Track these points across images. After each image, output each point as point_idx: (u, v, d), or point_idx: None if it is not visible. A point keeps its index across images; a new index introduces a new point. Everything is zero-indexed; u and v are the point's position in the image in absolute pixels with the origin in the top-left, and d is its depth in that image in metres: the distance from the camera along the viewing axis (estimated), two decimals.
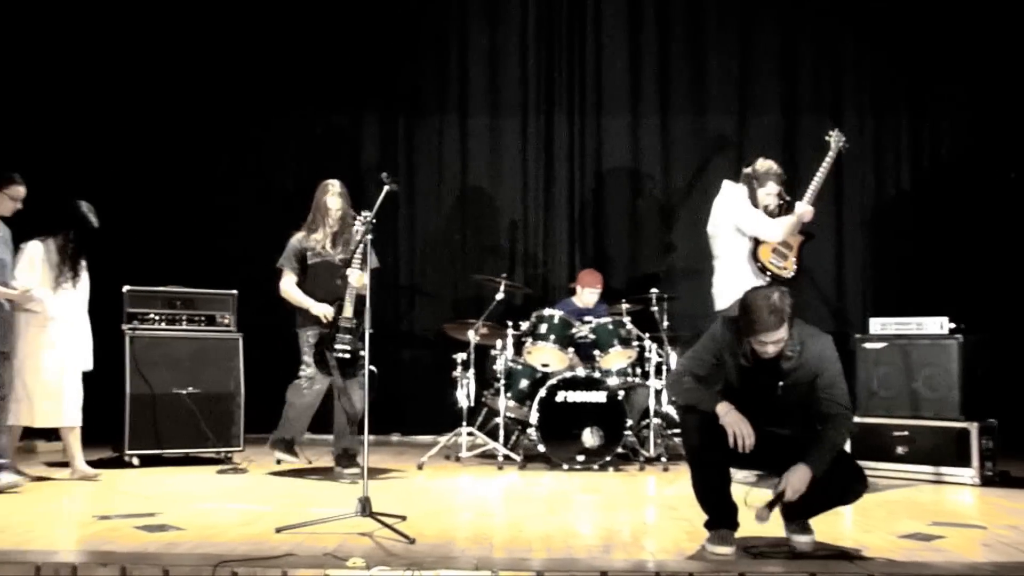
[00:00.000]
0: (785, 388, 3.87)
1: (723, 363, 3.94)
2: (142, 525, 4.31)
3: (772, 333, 3.72)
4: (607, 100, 8.48)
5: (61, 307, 5.78)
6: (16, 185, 5.52)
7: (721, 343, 3.95)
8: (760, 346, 3.78)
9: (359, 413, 5.99)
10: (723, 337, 3.95)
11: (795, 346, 3.83)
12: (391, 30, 8.44)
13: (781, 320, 3.71)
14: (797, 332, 3.85)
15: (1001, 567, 3.62)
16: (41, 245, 5.78)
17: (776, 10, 8.42)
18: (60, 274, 5.77)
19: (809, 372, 3.86)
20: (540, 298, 8.14)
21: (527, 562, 3.65)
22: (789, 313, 3.73)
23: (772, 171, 5.87)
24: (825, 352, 3.88)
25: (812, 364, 3.86)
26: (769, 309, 3.69)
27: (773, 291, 3.77)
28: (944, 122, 8.28)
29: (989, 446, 5.91)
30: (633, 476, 6.24)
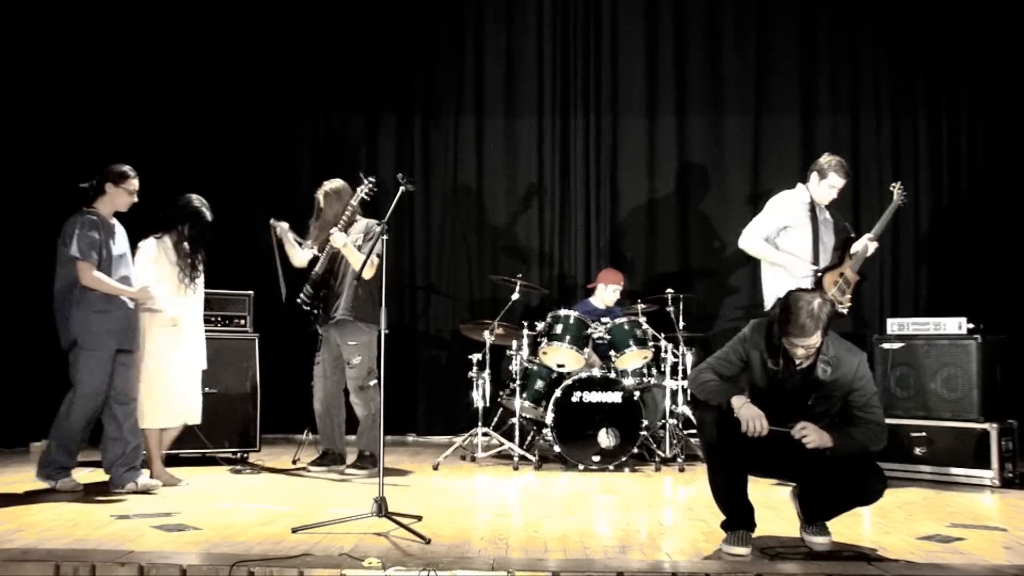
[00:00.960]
0: (816, 399, 3.86)
1: (750, 366, 3.93)
2: (160, 525, 4.33)
3: (806, 338, 3.73)
4: (623, 100, 8.47)
5: (183, 306, 5.65)
6: (131, 179, 5.39)
7: (750, 345, 3.94)
8: (791, 347, 3.78)
9: (363, 419, 6.19)
10: (752, 340, 3.95)
11: (830, 359, 3.82)
12: (407, 30, 8.45)
13: (817, 327, 3.71)
14: (833, 346, 3.85)
15: (1022, 570, 3.59)
16: (157, 243, 5.64)
17: (793, 11, 8.39)
18: (180, 271, 5.64)
19: (842, 388, 3.86)
20: (556, 298, 8.15)
21: (543, 563, 3.65)
22: (825, 323, 3.73)
23: (834, 164, 5.90)
24: (860, 370, 3.88)
25: (846, 380, 3.85)
26: (808, 313, 3.70)
27: (815, 296, 3.77)
28: (963, 122, 8.23)
29: (1009, 447, 5.87)
30: (649, 476, 6.22)
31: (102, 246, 5.23)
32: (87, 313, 5.16)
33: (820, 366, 3.83)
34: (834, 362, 3.84)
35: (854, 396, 3.88)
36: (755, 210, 8.24)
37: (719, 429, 3.85)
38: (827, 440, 3.76)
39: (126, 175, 5.38)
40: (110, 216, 5.38)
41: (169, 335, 5.57)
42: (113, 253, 5.30)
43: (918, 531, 4.34)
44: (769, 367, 3.89)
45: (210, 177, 8.20)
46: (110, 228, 5.35)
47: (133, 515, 4.56)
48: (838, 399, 3.88)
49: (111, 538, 4.04)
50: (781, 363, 3.85)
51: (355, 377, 6.10)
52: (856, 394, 3.87)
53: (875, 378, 5.88)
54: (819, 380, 3.85)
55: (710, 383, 3.93)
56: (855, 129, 8.30)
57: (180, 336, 5.62)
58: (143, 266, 5.56)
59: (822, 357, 3.82)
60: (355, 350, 6.07)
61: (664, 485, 5.97)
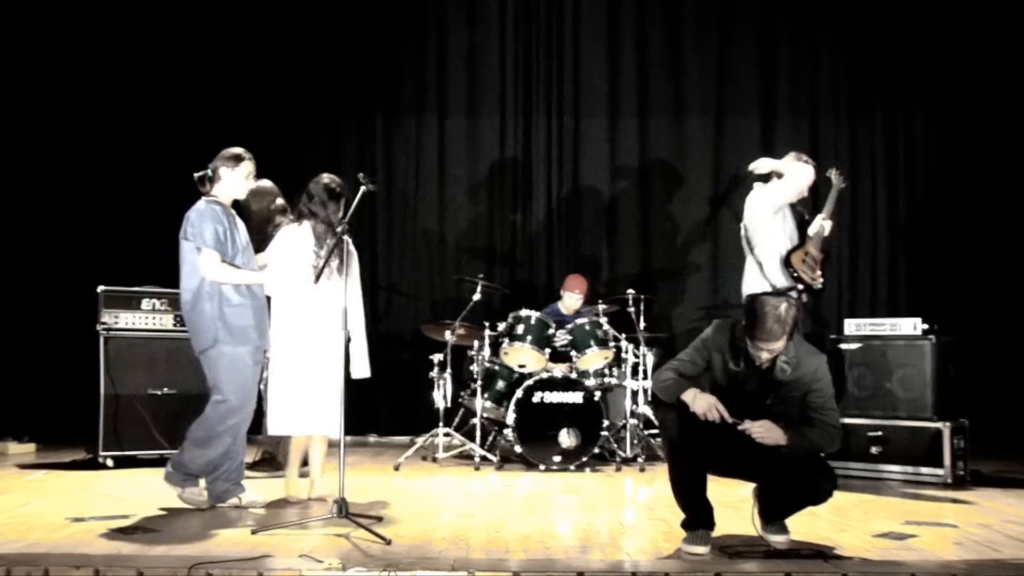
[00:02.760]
0: (775, 399, 3.91)
1: (711, 366, 3.97)
2: (116, 527, 4.28)
3: (772, 343, 3.78)
4: (585, 101, 8.51)
5: (316, 299, 4.90)
6: (246, 161, 4.93)
7: (712, 346, 3.98)
8: (755, 350, 3.83)
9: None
10: (715, 341, 3.98)
11: (790, 360, 3.87)
12: (369, 29, 8.42)
13: (783, 332, 3.77)
14: (794, 347, 3.89)
15: (973, 565, 3.67)
16: (292, 230, 5.04)
17: (753, 14, 8.49)
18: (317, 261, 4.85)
19: (801, 388, 3.92)
20: (517, 299, 8.15)
21: (505, 563, 3.65)
22: (791, 327, 3.78)
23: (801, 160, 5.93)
24: (820, 371, 3.94)
25: (804, 381, 3.91)
26: (775, 319, 3.75)
27: (781, 301, 3.81)
28: (918, 124, 8.38)
29: (961, 446, 5.97)
30: (610, 476, 6.25)
31: (227, 237, 4.79)
32: (224, 307, 4.73)
33: (780, 365, 3.88)
34: (793, 362, 3.89)
35: (812, 397, 3.93)
36: (715, 211, 8.41)
37: (681, 430, 3.88)
38: (781, 437, 3.81)
39: (240, 157, 4.91)
40: (230, 204, 4.93)
41: (299, 332, 4.89)
42: (239, 243, 4.87)
43: (874, 529, 4.40)
44: (730, 367, 3.93)
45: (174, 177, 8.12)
46: (232, 217, 4.90)
47: (89, 518, 4.50)
48: (796, 399, 3.93)
49: (66, 541, 3.98)
50: (742, 364, 3.90)
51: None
52: (814, 395, 3.93)
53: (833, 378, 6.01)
54: (778, 380, 3.90)
55: (668, 381, 3.96)
56: (814, 130, 8.41)
57: (313, 333, 4.89)
58: (276, 256, 5.01)
59: (782, 358, 3.88)
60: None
61: (625, 485, 6.00)
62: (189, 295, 4.78)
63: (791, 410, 3.95)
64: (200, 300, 4.75)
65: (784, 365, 3.88)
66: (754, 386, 3.93)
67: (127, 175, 8.01)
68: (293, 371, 4.89)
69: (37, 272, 7.82)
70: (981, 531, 4.38)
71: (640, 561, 3.74)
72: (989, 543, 4.10)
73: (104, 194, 7.95)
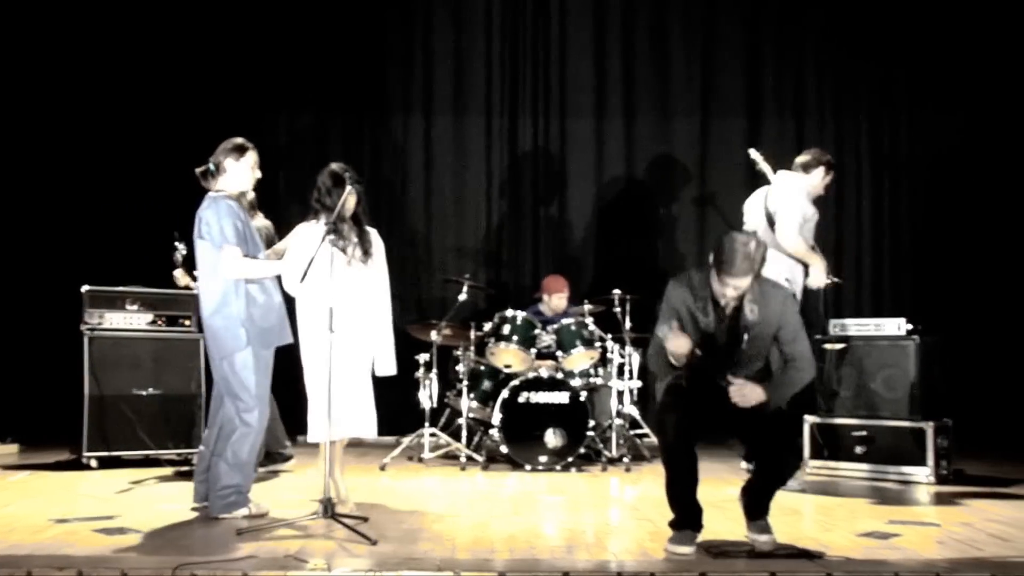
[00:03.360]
0: (749, 342, 3.93)
1: (682, 320, 3.96)
2: (100, 528, 4.26)
3: (738, 279, 3.80)
4: (571, 101, 8.52)
5: (338, 296, 4.58)
6: (251, 151, 4.74)
7: (675, 303, 4.00)
8: (722, 287, 3.84)
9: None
10: (675, 297, 4.00)
11: (756, 299, 3.89)
12: (356, 29, 8.40)
13: (750, 269, 3.80)
14: (759, 286, 3.91)
15: (955, 563, 3.69)
16: (306, 225, 4.83)
17: (739, 14, 8.51)
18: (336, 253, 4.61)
19: (771, 325, 3.94)
20: (504, 299, 8.15)
21: (490, 563, 3.65)
22: (758, 266, 3.81)
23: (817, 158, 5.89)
24: (786, 304, 3.98)
25: (773, 317, 3.93)
26: (744, 255, 3.77)
27: (750, 239, 3.84)
28: (903, 125, 8.43)
29: (944, 445, 6.01)
30: (596, 477, 6.26)
31: (247, 232, 4.62)
32: (251, 308, 4.54)
33: (748, 306, 3.89)
34: (760, 301, 3.91)
35: (782, 332, 3.96)
36: (702, 211, 8.44)
37: (678, 432, 3.87)
38: (760, 395, 3.82)
39: (244, 147, 4.72)
40: (238, 196, 4.76)
41: (318, 330, 4.57)
42: (256, 239, 4.71)
43: (858, 528, 4.42)
44: (699, 321, 3.93)
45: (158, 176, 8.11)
46: (245, 211, 4.77)
47: (72, 519, 4.47)
48: (769, 337, 3.96)
49: (49, 543, 3.95)
50: (711, 314, 3.91)
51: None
52: (784, 330, 3.95)
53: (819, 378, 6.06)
54: (748, 322, 3.91)
55: (654, 354, 4.00)
56: (800, 131, 8.44)
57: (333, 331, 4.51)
58: (293, 252, 4.74)
59: (748, 297, 3.88)
60: None
61: (611, 485, 6.01)
62: (215, 298, 4.54)
63: (764, 351, 3.99)
64: (227, 303, 4.52)
65: (752, 305, 3.88)
66: (725, 336, 3.94)
67: (111, 174, 7.96)
68: (320, 375, 4.59)
69: (20, 272, 7.77)
70: (963, 530, 4.41)
71: (626, 561, 3.74)
72: (971, 541, 4.13)
73: (88, 193, 7.91)
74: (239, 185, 4.76)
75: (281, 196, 8.23)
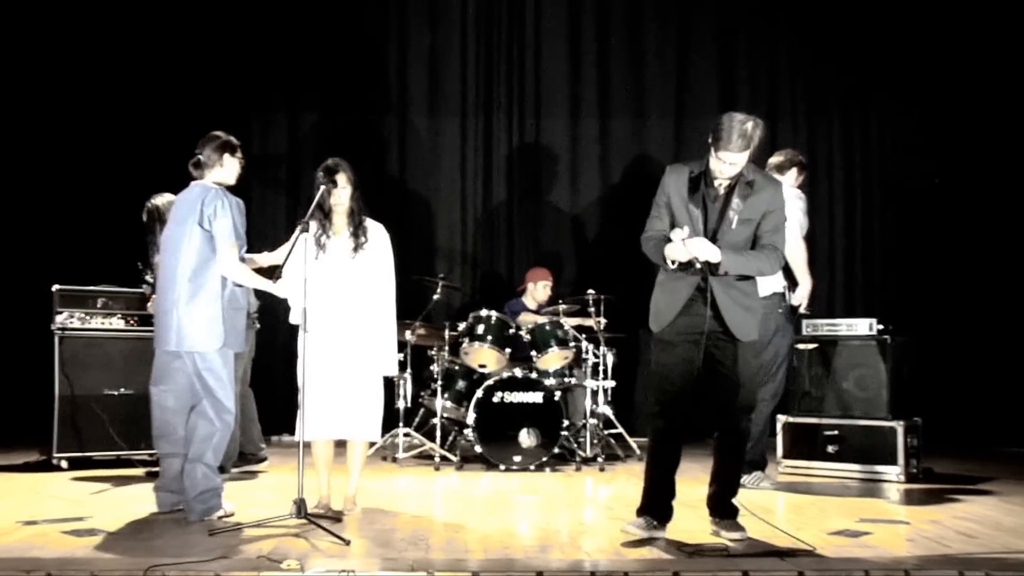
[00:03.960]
0: (739, 223, 4.03)
1: (671, 207, 4.12)
2: (70, 530, 4.21)
3: (734, 154, 3.93)
4: (546, 101, 8.54)
5: (324, 294, 4.60)
6: (238, 148, 4.77)
7: (669, 189, 4.14)
8: (718, 163, 3.98)
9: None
10: (669, 182, 4.16)
11: (749, 182, 4.03)
12: (330, 29, 8.37)
13: (747, 145, 3.94)
14: (753, 171, 4.07)
15: (923, 560, 3.74)
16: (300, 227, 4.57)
17: (713, 15, 8.57)
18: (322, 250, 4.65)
19: (760, 210, 4.05)
20: (478, 299, 8.16)
21: (464, 563, 3.66)
22: (756, 144, 3.95)
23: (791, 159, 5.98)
24: (777, 195, 4.12)
25: (763, 202, 4.06)
26: (740, 132, 3.92)
27: (749, 119, 3.98)
28: (873, 128, 8.52)
29: (914, 444, 6.07)
30: (570, 476, 6.27)
31: (243, 232, 4.61)
32: (232, 308, 4.55)
33: (740, 188, 4.03)
34: (754, 185, 4.04)
35: (767, 219, 4.08)
36: None
37: (664, 436, 4.15)
38: (713, 251, 3.95)
39: (236, 144, 4.75)
40: None
41: (304, 331, 4.43)
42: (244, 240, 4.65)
43: (829, 526, 4.46)
44: (689, 207, 4.06)
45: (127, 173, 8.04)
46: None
47: (41, 520, 4.43)
48: (754, 224, 4.07)
49: (17, 545, 3.91)
50: (701, 201, 4.05)
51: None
52: (769, 217, 4.08)
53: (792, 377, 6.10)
54: (740, 203, 4.02)
55: (651, 243, 4.16)
56: (773, 133, 8.46)
57: (317, 331, 4.54)
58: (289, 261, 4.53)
59: (743, 179, 4.02)
60: None
61: (585, 485, 6.02)
62: (191, 287, 4.47)
63: (748, 239, 4.09)
64: (207, 294, 4.48)
65: (745, 188, 4.03)
66: (717, 212, 4.07)
67: (82, 173, 7.90)
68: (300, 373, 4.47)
69: None
70: (932, 527, 4.46)
71: (600, 560, 3.76)
72: (939, 539, 4.17)
73: (59, 192, 7.84)
74: (230, 179, 4.75)
75: (254, 197, 8.21)
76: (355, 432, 4.74)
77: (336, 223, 4.76)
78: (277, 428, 7.45)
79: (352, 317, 4.69)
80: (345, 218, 4.77)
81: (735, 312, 4.08)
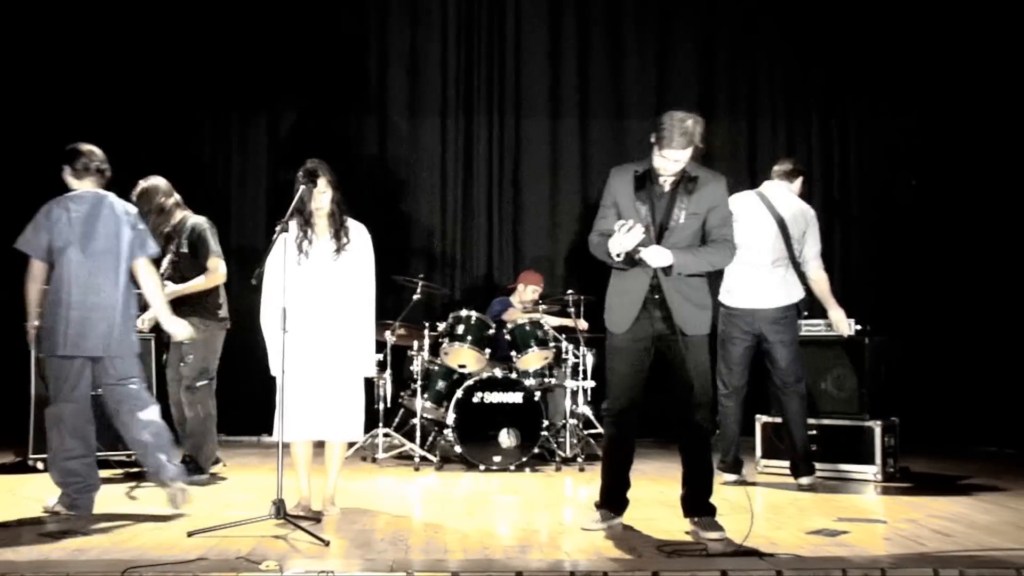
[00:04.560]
0: (687, 218, 4.15)
1: (619, 208, 4.25)
2: (46, 532, 4.18)
3: (677, 151, 4.06)
4: (526, 102, 8.54)
5: (302, 295, 4.59)
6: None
7: (615, 191, 4.28)
8: (662, 161, 4.11)
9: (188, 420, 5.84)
10: (613, 184, 4.30)
11: (693, 178, 4.16)
12: (309, 28, 8.34)
13: (689, 142, 4.06)
14: (695, 168, 4.20)
15: (899, 559, 3.77)
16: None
17: (693, 16, 8.60)
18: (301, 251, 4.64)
19: (704, 203, 4.18)
20: (457, 299, 8.15)
21: (444, 563, 3.65)
22: (697, 141, 4.07)
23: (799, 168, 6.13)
24: (721, 189, 4.26)
25: (708, 196, 4.19)
26: (681, 131, 4.05)
27: (689, 117, 4.09)
28: (851, 128, 8.58)
29: (891, 444, 6.12)
30: (550, 477, 6.28)
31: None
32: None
33: (685, 184, 4.16)
34: (698, 181, 4.17)
35: (712, 214, 4.20)
36: None
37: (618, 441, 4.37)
38: (664, 256, 4.08)
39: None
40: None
41: (284, 331, 4.37)
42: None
43: (807, 526, 4.49)
44: (636, 201, 4.18)
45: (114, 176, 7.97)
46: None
47: (15, 522, 4.39)
48: (703, 216, 4.19)
49: None
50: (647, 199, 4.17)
51: (186, 376, 5.79)
52: (715, 211, 4.20)
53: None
54: (686, 198, 4.15)
55: (598, 243, 4.31)
56: (752, 133, 8.56)
57: (294, 334, 4.47)
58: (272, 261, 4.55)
59: (687, 176, 4.15)
60: (189, 348, 5.73)
61: (565, 485, 6.03)
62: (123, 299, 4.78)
63: (695, 235, 4.21)
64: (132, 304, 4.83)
65: (689, 184, 4.15)
66: (663, 209, 4.19)
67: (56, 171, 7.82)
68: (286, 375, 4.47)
69: None
70: (908, 526, 4.49)
71: (579, 560, 3.76)
72: (915, 537, 4.21)
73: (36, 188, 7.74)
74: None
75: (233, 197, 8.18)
76: (334, 433, 4.73)
77: (318, 225, 4.75)
78: (256, 429, 7.42)
79: (332, 318, 4.68)
80: (326, 220, 4.76)
81: (686, 308, 4.20)
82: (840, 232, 8.52)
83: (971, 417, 7.71)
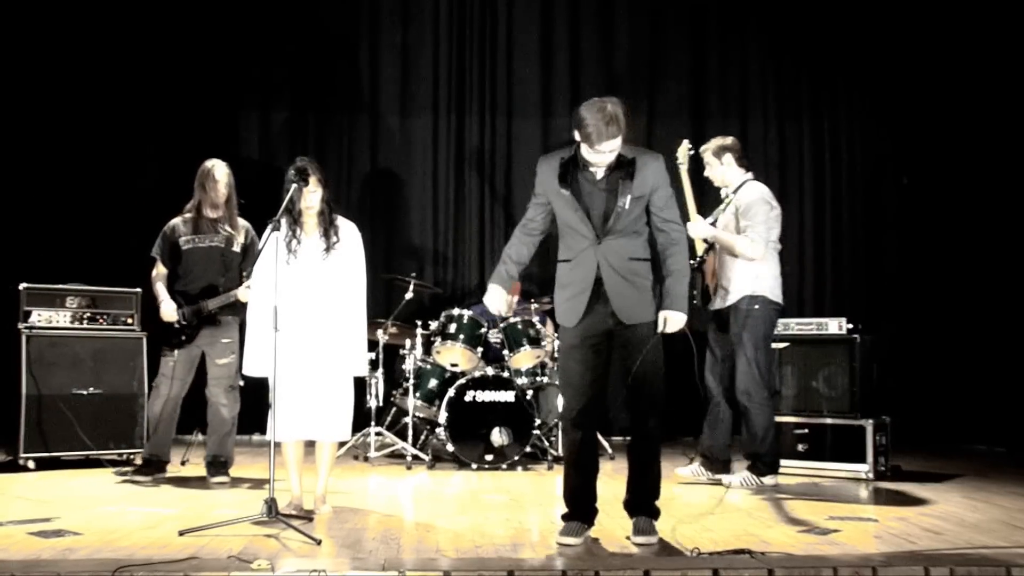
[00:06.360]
0: (631, 202, 3.99)
1: (551, 201, 4.15)
2: (36, 531, 4.17)
3: (610, 141, 3.89)
4: (518, 101, 8.55)
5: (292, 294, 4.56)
6: None
7: (544, 187, 4.16)
8: (598, 156, 3.94)
9: (226, 421, 5.69)
10: (541, 180, 4.17)
11: (631, 160, 3.99)
12: (301, 27, 8.34)
13: (619, 129, 3.89)
14: (630, 150, 4.03)
15: (890, 557, 3.78)
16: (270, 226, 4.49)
17: (685, 16, 8.61)
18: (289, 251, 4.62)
19: (647, 184, 4.02)
20: (449, 298, 8.15)
21: (435, 562, 3.65)
22: (624, 121, 3.90)
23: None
24: (661, 169, 4.07)
25: (651, 177, 4.02)
26: (607, 120, 3.86)
27: (607, 102, 3.91)
28: (843, 127, 8.60)
29: (882, 442, 6.14)
30: (541, 475, 6.28)
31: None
32: None
33: (624, 168, 3.99)
34: (636, 163, 4.00)
35: (656, 195, 4.04)
36: None
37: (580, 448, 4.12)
38: (679, 319, 3.99)
39: None
40: None
41: (275, 329, 4.32)
42: None
43: (798, 524, 4.50)
44: (563, 190, 4.04)
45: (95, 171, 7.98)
46: None
47: (7, 522, 4.38)
48: (647, 198, 4.04)
49: None
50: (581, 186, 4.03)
51: (229, 376, 5.70)
52: (658, 194, 4.04)
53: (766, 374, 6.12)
54: (628, 183, 3.98)
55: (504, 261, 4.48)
56: (744, 134, 8.54)
57: (287, 331, 4.45)
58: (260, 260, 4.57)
59: (623, 159, 3.99)
60: (229, 347, 5.73)
61: (556, 483, 6.01)
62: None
63: (640, 219, 4.06)
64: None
65: (628, 167, 3.98)
66: (604, 197, 4.03)
67: (50, 170, 7.82)
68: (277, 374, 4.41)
69: None
70: (899, 524, 4.51)
71: (572, 559, 3.77)
72: (906, 535, 4.22)
73: (27, 188, 7.75)
74: None
75: None
76: (324, 432, 4.73)
77: (307, 224, 4.74)
78: (248, 428, 7.40)
79: (323, 317, 4.67)
80: (316, 219, 4.74)
81: (625, 297, 4.04)
82: (831, 231, 8.54)
83: (962, 416, 7.75)
